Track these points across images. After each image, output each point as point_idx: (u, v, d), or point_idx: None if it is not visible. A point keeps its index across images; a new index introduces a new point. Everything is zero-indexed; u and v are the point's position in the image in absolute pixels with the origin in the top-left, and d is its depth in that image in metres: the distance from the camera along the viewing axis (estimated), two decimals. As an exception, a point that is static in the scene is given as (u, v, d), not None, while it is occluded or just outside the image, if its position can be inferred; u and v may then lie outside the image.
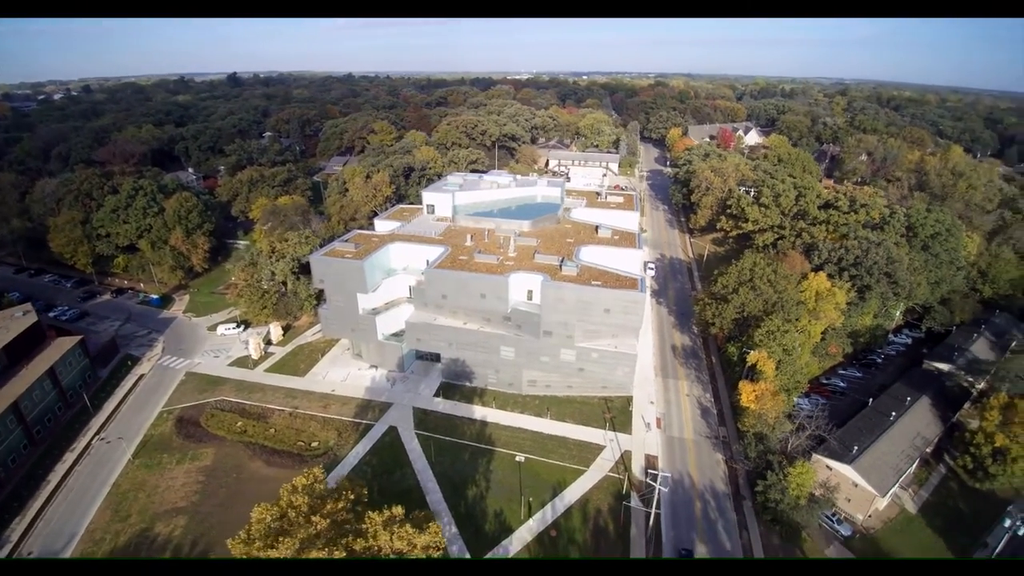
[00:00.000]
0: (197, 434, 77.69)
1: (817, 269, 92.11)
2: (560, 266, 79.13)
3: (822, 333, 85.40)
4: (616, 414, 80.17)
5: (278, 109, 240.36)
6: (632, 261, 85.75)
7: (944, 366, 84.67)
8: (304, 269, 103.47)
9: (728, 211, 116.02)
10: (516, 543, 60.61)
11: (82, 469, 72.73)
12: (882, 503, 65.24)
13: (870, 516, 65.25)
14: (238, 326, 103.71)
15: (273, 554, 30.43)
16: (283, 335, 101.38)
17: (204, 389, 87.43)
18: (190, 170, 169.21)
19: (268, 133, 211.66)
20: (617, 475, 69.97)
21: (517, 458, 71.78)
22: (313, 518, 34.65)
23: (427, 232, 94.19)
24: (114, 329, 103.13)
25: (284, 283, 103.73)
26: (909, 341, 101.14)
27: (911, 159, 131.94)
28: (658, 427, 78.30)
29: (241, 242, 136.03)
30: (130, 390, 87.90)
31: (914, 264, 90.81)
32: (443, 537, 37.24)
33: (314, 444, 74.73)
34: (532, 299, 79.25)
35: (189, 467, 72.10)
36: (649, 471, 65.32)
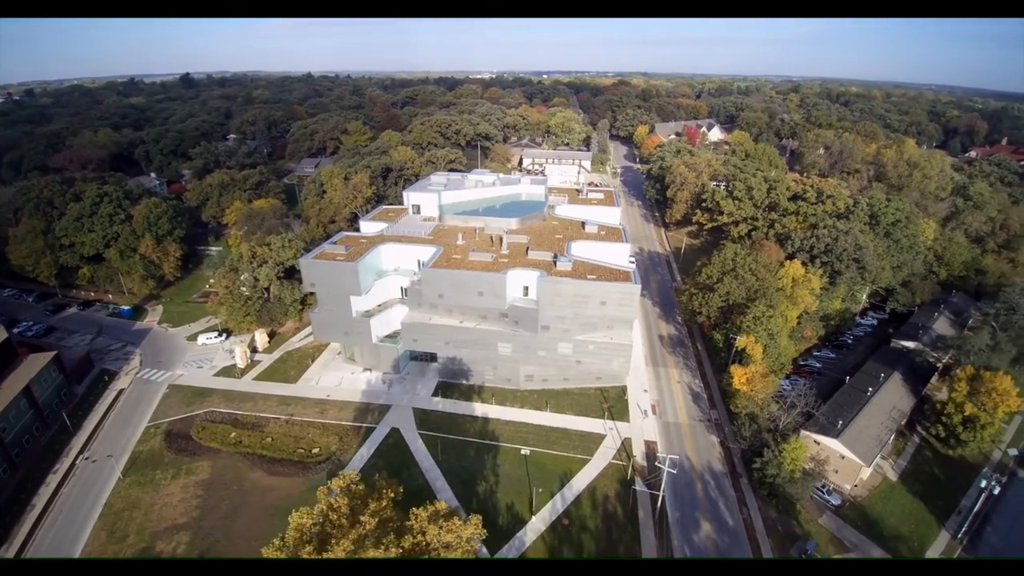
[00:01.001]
0: (189, 448, 75.16)
1: (790, 257, 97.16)
2: (555, 262, 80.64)
3: (797, 318, 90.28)
4: (613, 403, 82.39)
5: (240, 110, 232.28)
6: (619, 255, 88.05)
7: (910, 344, 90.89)
8: (288, 274, 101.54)
9: (703, 205, 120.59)
10: (531, 533, 61.71)
11: (69, 491, 69.21)
12: (866, 473, 69.68)
13: (856, 486, 69.61)
14: (220, 335, 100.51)
15: (331, 554, 30.24)
16: (268, 342, 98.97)
17: (191, 401, 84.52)
18: (152, 175, 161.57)
19: (232, 135, 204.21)
20: (620, 462, 72.08)
21: (522, 451, 73.05)
22: (362, 518, 34.61)
23: (415, 232, 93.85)
24: (86, 343, 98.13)
25: (267, 289, 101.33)
26: (875, 322, 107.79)
27: (867, 152, 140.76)
28: (653, 414, 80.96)
29: (213, 248, 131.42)
30: (111, 406, 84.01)
31: (878, 250, 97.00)
32: (483, 529, 37.89)
33: (315, 450, 73.61)
34: (528, 295, 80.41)
35: (185, 482, 69.73)
36: (657, 455, 67.75)
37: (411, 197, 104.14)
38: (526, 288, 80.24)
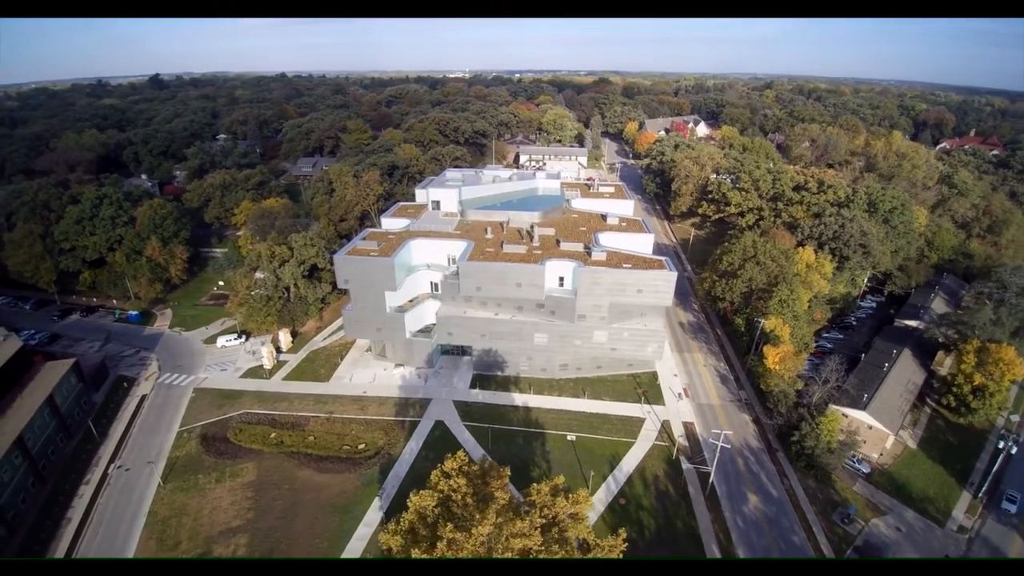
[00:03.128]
0: (229, 450, 73.66)
1: (800, 244, 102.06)
2: (589, 252, 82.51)
3: (808, 301, 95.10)
4: (647, 388, 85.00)
5: (226, 110, 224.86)
6: (644, 244, 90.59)
7: (913, 323, 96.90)
8: (309, 272, 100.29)
9: (709, 197, 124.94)
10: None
11: (106, 501, 66.89)
12: (890, 441, 74.42)
13: (881, 455, 74.18)
14: (239, 336, 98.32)
15: (477, 532, 30.82)
16: (292, 342, 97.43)
17: (221, 404, 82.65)
18: (143, 176, 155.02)
19: (223, 135, 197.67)
20: (663, 443, 74.66)
21: (568, 437, 74.93)
22: (497, 493, 35.42)
23: (440, 228, 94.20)
24: (95, 350, 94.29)
25: (287, 289, 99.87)
26: (874, 305, 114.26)
27: (857, 144, 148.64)
28: (686, 396, 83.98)
29: (217, 250, 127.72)
30: (135, 413, 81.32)
31: (878, 236, 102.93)
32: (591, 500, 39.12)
33: (361, 446, 73.36)
34: (563, 285, 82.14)
35: (232, 484, 68.41)
36: (699, 434, 70.58)
37: (431, 193, 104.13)
38: (561, 279, 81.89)
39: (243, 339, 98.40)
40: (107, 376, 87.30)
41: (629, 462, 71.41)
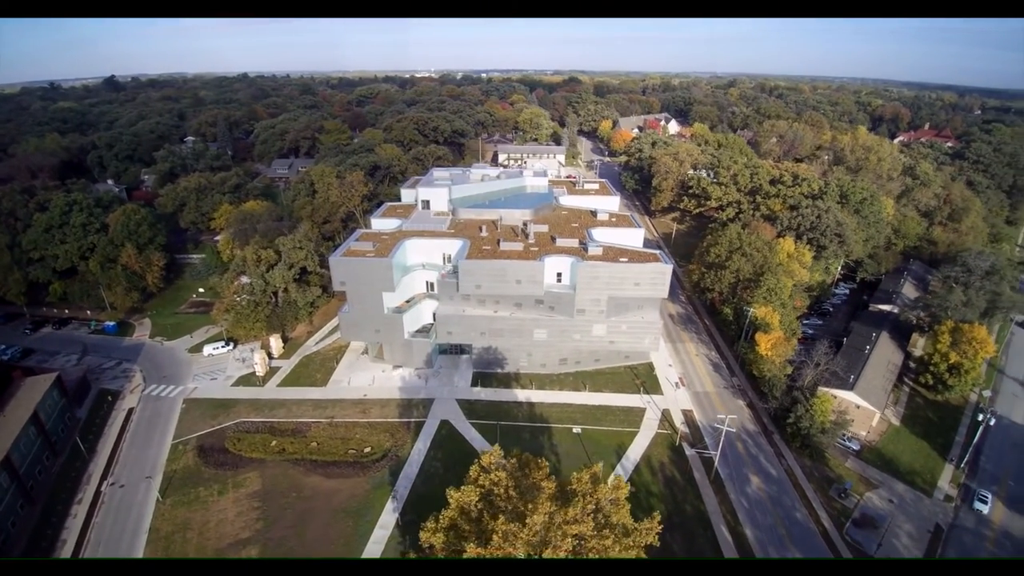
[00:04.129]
0: (229, 461, 71.61)
1: (780, 235, 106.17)
2: (586, 248, 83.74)
3: (789, 290, 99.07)
4: (644, 379, 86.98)
5: (192, 112, 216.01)
6: (635, 238, 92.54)
7: (887, 307, 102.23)
8: (300, 275, 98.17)
9: (690, 191, 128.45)
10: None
11: (102, 520, 64.10)
12: (876, 420, 78.57)
13: (868, 432, 78.16)
14: (226, 344, 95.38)
15: (531, 522, 31.01)
16: (283, 348, 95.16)
17: (215, 414, 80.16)
18: (110, 182, 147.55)
19: (191, 138, 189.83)
20: (665, 431, 76.67)
21: (574, 430, 76.10)
22: (543, 483, 35.76)
23: (432, 227, 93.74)
24: (72, 364, 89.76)
25: (275, 293, 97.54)
26: (847, 292, 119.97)
27: (823, 139, 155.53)
28: (682, 385, 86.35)
29: (194, 256, 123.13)
30: (124, 427, 78.00)
31: (851, 226, 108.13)
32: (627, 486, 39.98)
33: (367, 449, 72.53)
34: (561, 281, 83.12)
35: (236, 495, 66.59)
36: (712, 418, 72.91)
37: (421, 193, 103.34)
38: (559, 274, 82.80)
39: (231, 347, 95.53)
40: (89, 390, 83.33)
41: (635, 451, 73.05)
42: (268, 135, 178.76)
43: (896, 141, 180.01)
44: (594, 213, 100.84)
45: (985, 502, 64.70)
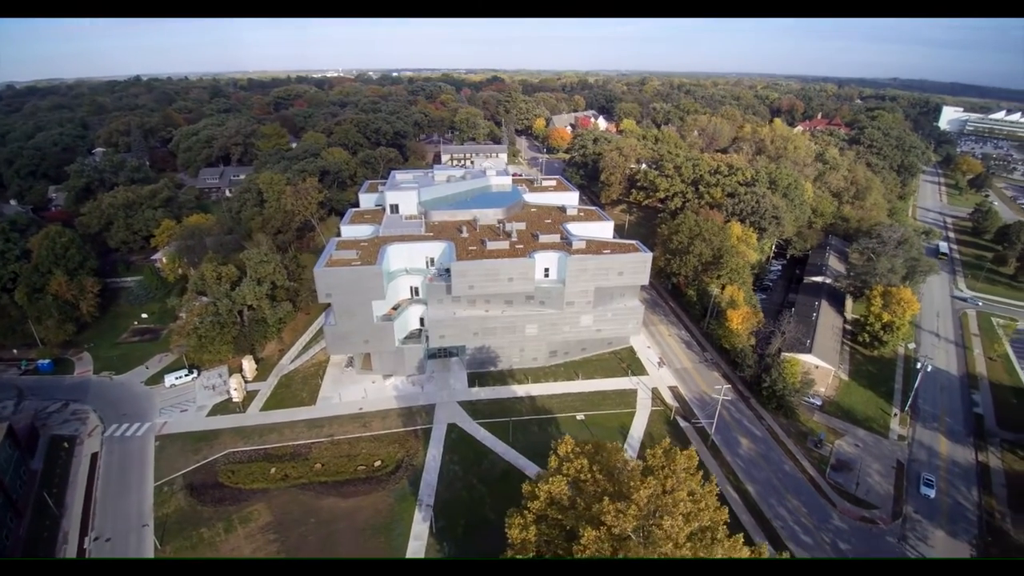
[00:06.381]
0: (227, 495, 66.66)
1: (726, 221, 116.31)
2: (569, 242, 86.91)
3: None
4: (629, 363, 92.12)
5: (98, 121, 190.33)
6: (606, 231, 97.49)
7: (819, 278, 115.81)
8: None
9: (638, 185, 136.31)
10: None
11: (92, 578, 57.12)
12: (831, 377, 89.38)
13: (825, 389, 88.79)
14: (189, 372, 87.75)
15: (638, 497, 32.64)
16: (256, 369, 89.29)
17: (196, 448, 73.91)
18: (13, 202, 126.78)
19: (100, 148, 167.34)
20: (658, 408, 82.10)
21: (578, 417, 79.23)
22: (631, 463, 37.59)
23: (406, 231, 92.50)
24: (9, 410, 78.17)
25: (240, 312, 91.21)
26: (780, 268, 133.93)
27: (745, 132, 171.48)
28: (663, 364, 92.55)
29: (128, 279, 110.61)
30: (91, 475, 69.66)
31: (783, 208, 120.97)
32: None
33: (378, 463, 70.74)
34: (548, 275, 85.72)
35: (246, 530, 62.32)
36: (716, 387, 79.00)
37: (389, 197, 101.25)
38: (546, 270, 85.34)
39: (195, 374, 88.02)
40: (39, 438, 73.24)
41: (636, 429, 77.62)
42: (192, 143, 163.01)
43: (796, 131, 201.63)
44: (563, 209, 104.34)
45: (932, 486, 67.40)
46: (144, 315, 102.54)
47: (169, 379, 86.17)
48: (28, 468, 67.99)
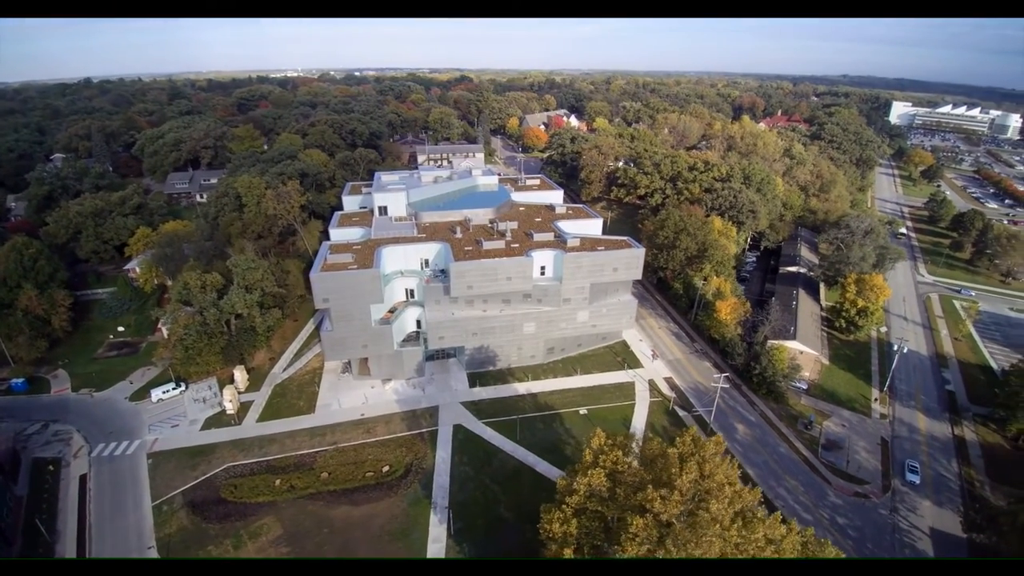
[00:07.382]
0: (232, 511, 64.73)
1: (707, 215, 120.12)
2: (564, 240, 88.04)
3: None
4: (624, 356, 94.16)
5: (55, 125, 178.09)
6: (595, 228, 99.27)
7: (793, 268, 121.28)
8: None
9: (618, 182, 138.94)
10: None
11: (94, 605, 54.52)
12: (813, 362, 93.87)
13: (809, 373, 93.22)
14: (176, 385, 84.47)
15: (680, 483, 33.80)
16: (248, 379, 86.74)
17: (194, 464, 71.36)
18: None
19: (59, 154, 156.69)
20: (657, 399, 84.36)
21: (580, 412, 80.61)
22: (668, 451, 38.70)
23: (400, 232, 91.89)
24: (-16, 436, 73.22)
25: (228, 322, 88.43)
26: (755, 259, 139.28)
27: (715, 129, 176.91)
28: (657, 356, 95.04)
29: (100, 291, 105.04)
30: (82, 498, 66.27)
31: (758, 202, 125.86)
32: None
33: (386, 469, 70.09)
34: (545, 273, 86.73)
35: (257, 546, 60.70)
36: (710, 376, 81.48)
37: (377, 198, 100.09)
38: (543, 268, 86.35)
39: (182, 387, 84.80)
40: (20, 462, 69.04)
41: (638, 420, 79.58)
42: (157, 146, 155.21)
43: (761, 127, 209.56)
44: (551, 207, 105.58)
45: (916, 472, 69.98)
46: (120, 328, 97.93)
47: (156, 393, 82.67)
48: (12, 494, 64.07)
